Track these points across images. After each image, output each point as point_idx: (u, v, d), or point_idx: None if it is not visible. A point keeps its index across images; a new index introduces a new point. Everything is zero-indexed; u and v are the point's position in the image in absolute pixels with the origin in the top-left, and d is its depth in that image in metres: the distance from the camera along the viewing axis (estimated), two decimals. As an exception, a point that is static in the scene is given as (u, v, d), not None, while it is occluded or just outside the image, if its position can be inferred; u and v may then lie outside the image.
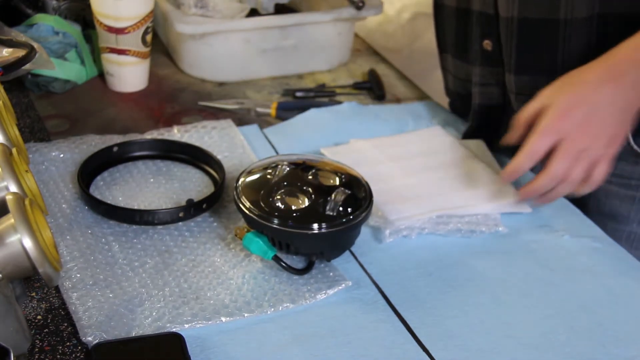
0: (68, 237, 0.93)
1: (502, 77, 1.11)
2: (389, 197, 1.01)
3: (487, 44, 1.10)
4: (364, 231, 0.97)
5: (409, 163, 1.09)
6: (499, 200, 1.03)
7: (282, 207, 0.89)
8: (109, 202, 0.99)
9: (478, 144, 1.15)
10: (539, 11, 1.02)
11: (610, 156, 0.96)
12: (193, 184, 1.05)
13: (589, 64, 0.96)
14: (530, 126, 0.97)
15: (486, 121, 1.16)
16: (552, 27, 1.01)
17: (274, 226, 0.87)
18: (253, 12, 1.36)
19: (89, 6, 1.25)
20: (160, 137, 1.12)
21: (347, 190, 0.91)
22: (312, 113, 1.22)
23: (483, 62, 1.12)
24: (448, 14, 1.18)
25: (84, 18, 1.33)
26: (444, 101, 1.30)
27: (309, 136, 1.17)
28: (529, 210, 1.02)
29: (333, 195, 0.90)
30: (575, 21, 1.01)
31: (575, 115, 0.94)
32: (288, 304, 0.86)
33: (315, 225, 0.87)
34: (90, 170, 1.04)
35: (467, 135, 1.19)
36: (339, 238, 0.90)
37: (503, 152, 1.13)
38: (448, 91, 1.27)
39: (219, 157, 1.07)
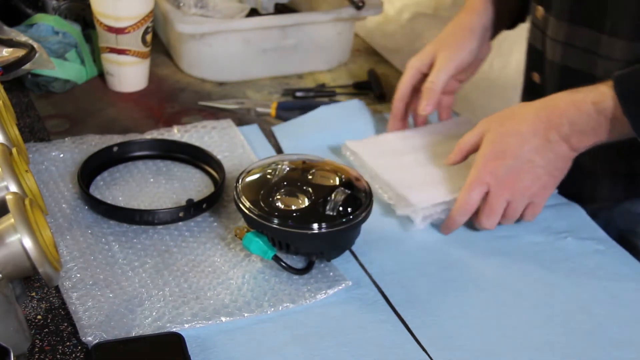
0: (68, 237, 0.93)
1: None
2: (415, 185, 1.01)
3: (536, 77, 1.10)
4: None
5: (433, 150, 1.10)
6: None
7: (282, 207, 0.89)
8: (109, 202, 0.99)
9: None
10: (579, 63, 1.01)
11: (541, 203, 0.97)
12: (193, 184, 1.05)
13: (529, 107, 0.95)
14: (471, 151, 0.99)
15: None
16: (589, 81, 0.97)
17: (274, 226, 0.87)
18: (253, 12, 1.36)
19: (89, 6, 1.25)
20: (160, 137, 1.12)
21: (347, 190, 0.91)
22: (312, 113, 1.21)
23: (529, 91, 1.12)
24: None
25: (84, 18, 1.33)
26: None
27: (309, 136, 1.16)
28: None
29: (333, 195, 0.90)
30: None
31: (499, 169, 0.94)
32: (288, 304, 0.86)
33: (315, 225, 0.87)
34: (90, 170, 1.03)
35: None
36: (339, 238, 0.90)
37: None
38: None
39: (219, 157, 1.07)
